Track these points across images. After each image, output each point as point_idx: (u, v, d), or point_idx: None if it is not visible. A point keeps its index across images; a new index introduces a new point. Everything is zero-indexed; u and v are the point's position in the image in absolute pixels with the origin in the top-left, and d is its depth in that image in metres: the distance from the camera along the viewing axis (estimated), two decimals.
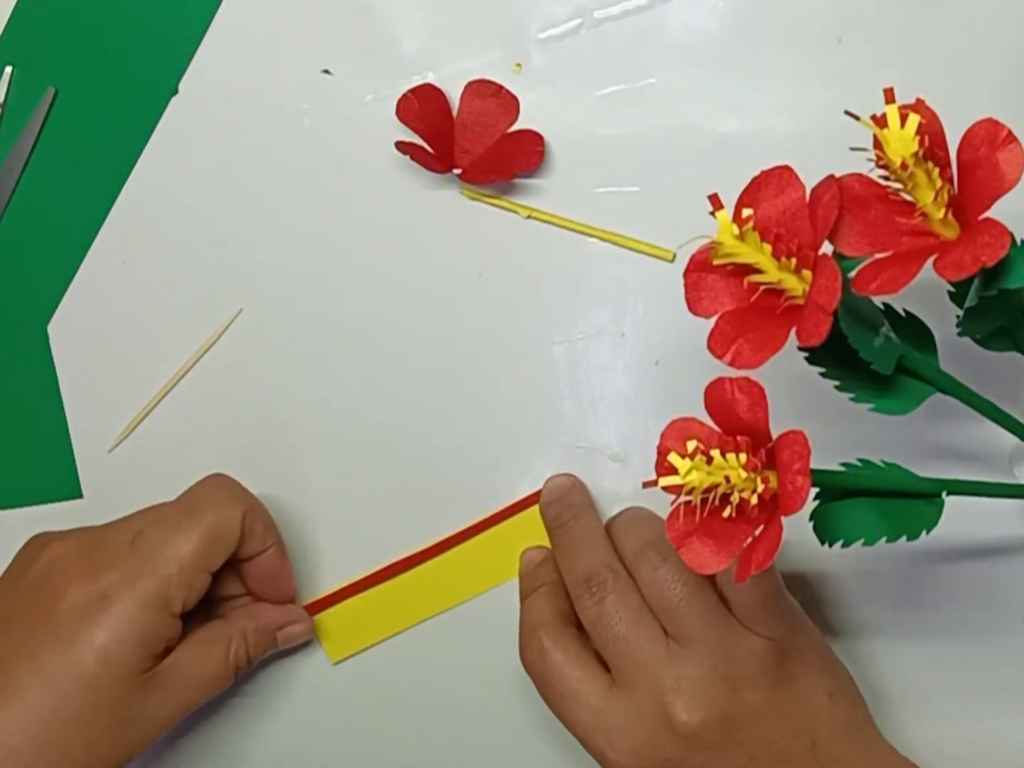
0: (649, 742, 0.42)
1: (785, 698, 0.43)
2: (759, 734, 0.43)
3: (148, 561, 0.45)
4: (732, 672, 0.43)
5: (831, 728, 0.44)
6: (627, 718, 0.43)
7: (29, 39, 0.53)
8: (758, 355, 0.36)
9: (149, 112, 0.52)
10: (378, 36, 0.51)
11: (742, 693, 0.43)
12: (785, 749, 0.43)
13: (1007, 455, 0.48)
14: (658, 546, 0.45)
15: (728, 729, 0.42)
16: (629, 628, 0.44)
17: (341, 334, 0.52)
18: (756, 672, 0.43)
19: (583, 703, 0.44)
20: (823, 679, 0.45)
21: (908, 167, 0.35)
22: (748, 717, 0.43)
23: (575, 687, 0.44)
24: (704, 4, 0.49)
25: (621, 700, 0.43)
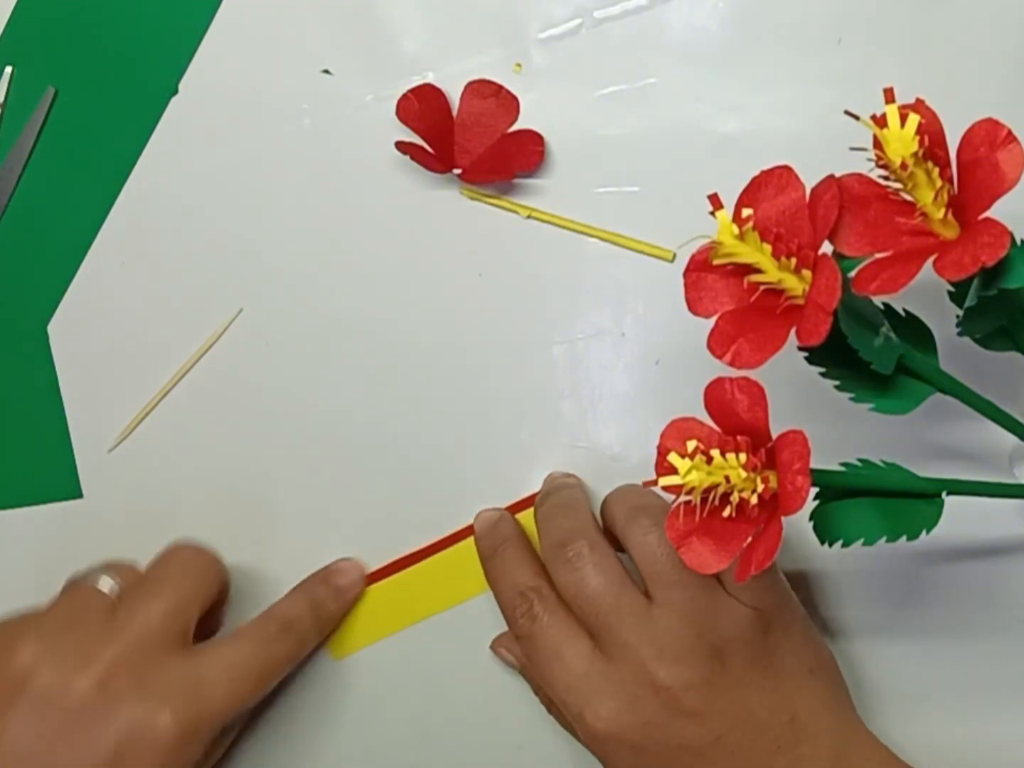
0: (629, 707, 0.42)
1: (767, 670, 0.43)
2: (739, 703, 0.42)
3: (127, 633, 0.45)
4: (716, 640, 0.43)
5: (811, 704, 0.44)
6: (609, 681, 0.43)
7: (29, 39, 0.53)
8: (758, 355, 0.36)
9: (149, 112, 0.52)
10: (378, 36, 0.51)
11: (725, 661, 0.43)
12: (764, 720, 0.43)
13: (1007, 455, 0.48)
14: (650, 512, 0.45)
15: (709, 696, 0.42)
16: (612, 597, 0.44)
17: (341, 334, 0.52)
18: (739, 641, 0.43)
19: (567, 665, 0.43)
20: (806, 655, 0.45)
21: (908, 167, 0.35)
22: (729, 685, 0.42)
23: (561, 648, 0.44)
24: (704, 4, 0.49)
25: (603, 663, 0.43)
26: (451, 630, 0.52)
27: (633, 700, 0.42)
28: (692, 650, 0.42)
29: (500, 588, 0.47)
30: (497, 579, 0.47)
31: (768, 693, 0.43)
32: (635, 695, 0.42)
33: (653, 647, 0.42)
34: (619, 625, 0.43)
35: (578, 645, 0.44)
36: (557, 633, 0.44)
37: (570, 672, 0.43)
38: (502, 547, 0.47)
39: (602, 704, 0.42)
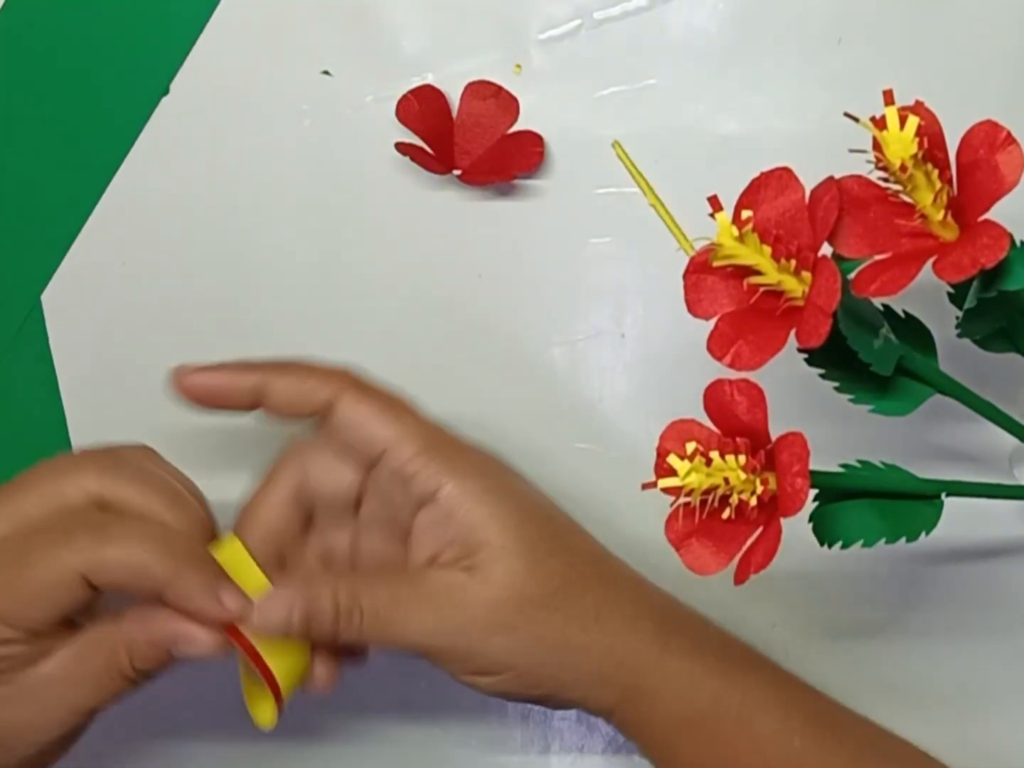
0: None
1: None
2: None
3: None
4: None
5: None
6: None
7: (18, 32, 0.53)
8: (758, 357, 0.36)
9: (137, 112, 0.52)
10: (378, 36, 0.51)
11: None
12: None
13: (1007, 456, 0.48)
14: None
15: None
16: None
17: (340, 335, 0.52)
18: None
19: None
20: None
21: (907, 169, 0.35)
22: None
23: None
24: (704, 5, 0.49)
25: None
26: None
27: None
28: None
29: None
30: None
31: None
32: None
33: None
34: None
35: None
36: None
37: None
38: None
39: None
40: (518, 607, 0.41)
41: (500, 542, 0.41)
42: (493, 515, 0.41)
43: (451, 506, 0.41)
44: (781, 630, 0.50)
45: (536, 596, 0.41)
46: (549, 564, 0.41)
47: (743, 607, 0.50)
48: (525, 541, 0.41)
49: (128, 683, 0.41)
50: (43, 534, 0.40)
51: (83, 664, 0.41)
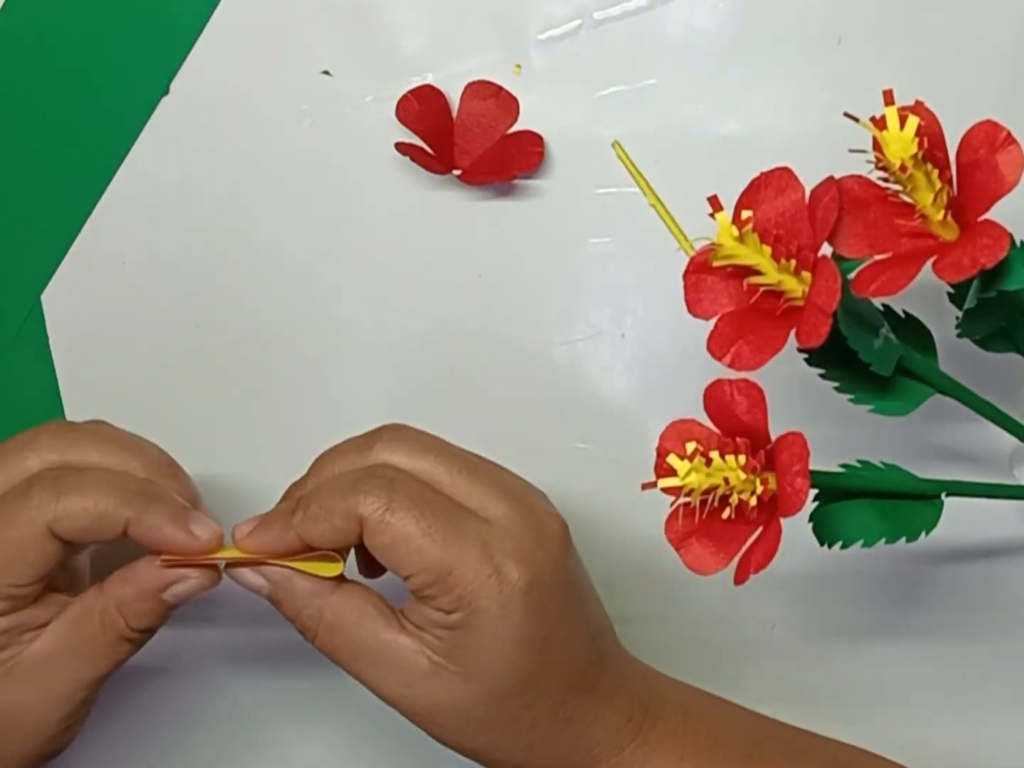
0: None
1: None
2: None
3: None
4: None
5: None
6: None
7: (17, 30, 0.53)
8: (758, 357, 0.36)
9: (137, 112, 0.52)
10: (378, 37, 0.51)
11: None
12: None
13: (1007, 456, 0.48)
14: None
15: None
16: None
17: (340, 336, 0.52)
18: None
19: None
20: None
21: (907, 169, 0.35)
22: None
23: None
24: (704, 5, 0.49)
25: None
26: None
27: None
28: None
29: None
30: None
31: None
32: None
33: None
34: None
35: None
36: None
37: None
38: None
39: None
40: (456, 718, 0.41)
41: (475, 672, 0.40)
42: (483, 653, 0.40)
43: (453, 624, 0.40)
44: (781, 630, 0.50)
45: (477, 719, 0.41)
46: (505, 703, 0.41)
47: (743, 607, 0.50)
48: (498, 682, 0.40)
49: (128, 644, 0.42)
50: (6, 501, 0.40)
51: (78, 634, 0.41)
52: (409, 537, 0.39)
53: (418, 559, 0.39)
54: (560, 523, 0.42)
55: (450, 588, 0.39)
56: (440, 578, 0.39)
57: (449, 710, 0.41)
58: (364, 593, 0.42)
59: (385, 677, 0.41)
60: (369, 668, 0.41)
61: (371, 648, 0.41)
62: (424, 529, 0.39)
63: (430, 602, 0.40)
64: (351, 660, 0.41)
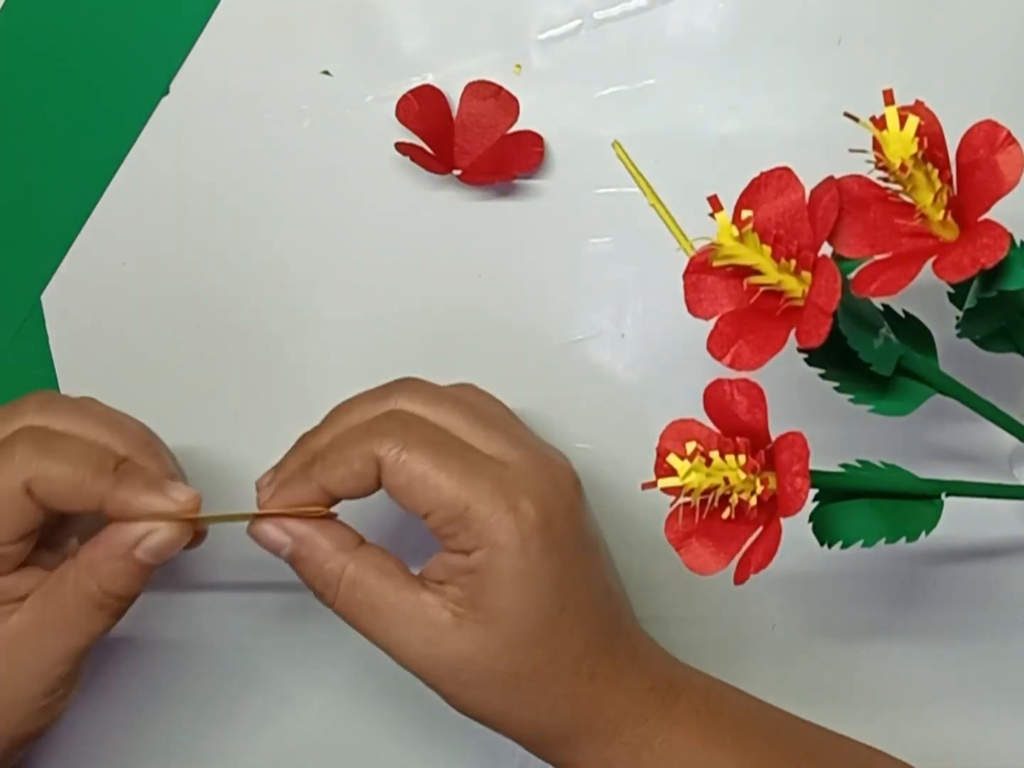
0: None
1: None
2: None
3: None
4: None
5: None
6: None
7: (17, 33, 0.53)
8: (758, 356, 0.36)
9: (137, 112, 0.52)
10: (378, 37, 0.51)
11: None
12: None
13: (1007, 456, 0.48)
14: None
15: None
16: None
17: (340, 336, 0.52)
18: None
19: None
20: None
21: (907, 169, 0.35)
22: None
23: None
24: (704, 5, 0.49)
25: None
26: None
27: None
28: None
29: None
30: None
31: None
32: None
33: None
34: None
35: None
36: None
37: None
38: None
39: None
40: (479, 673, 0.41)
41: (497, 617, 0.40)
42: (505, 594, 0.40)
43: (474, 567, 0.40)
44: (781, 630, 0.50)
45: (500, 672, 0.41)
46: (527, 653, 0.41)
47: (743, 607, 0.50)
48: (520, 627, 0.40)
49: (102, 613, 0.41)
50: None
51: (52, 604, 0.41)
52: (425, 475, 0.40)
53: (435, 496, 0.40)
54: (574, 474, 0.43)
55: (468, 524, 0.40)
56: (458, 514, 0.40)
57: (473, 665, 0.41)
58: (384, 553, 0.42)
59: (408, 636, 0.41)
60: (391, 628, 0.41)
61: (393, 605, 0.41)
62: (440, 467, 0.40)
63: (450, 542, 0.40)
64: (373, 619, 0.41)
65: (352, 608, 0.41)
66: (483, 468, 0.41)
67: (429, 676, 0.41)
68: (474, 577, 0.40)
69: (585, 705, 0.42)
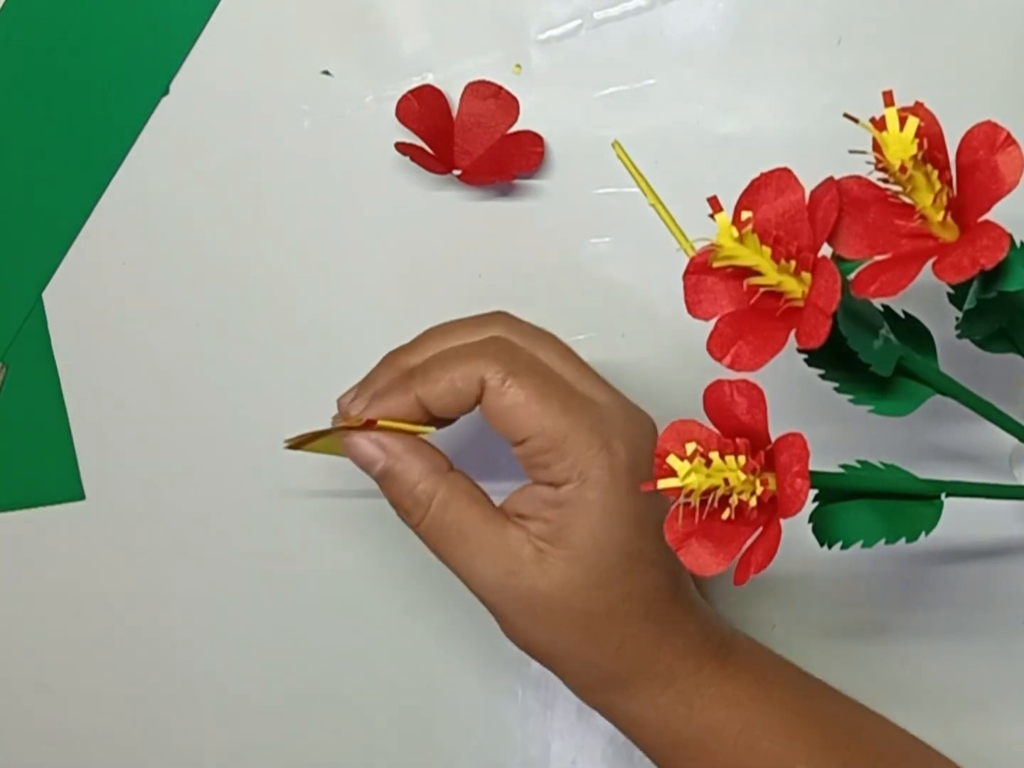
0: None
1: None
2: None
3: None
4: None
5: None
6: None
7: (18, 28, 0.53)
8: (757, 357, 0.36)
9: (137, 112, 0.52)
10: (378, 37, 0.51)
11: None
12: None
13: (1007, 456, 0.48)
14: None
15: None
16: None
17: (340, 336, 0.52)
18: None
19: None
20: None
21: (907, 170, 0.35)
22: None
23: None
24: (704, 4, 0.49)
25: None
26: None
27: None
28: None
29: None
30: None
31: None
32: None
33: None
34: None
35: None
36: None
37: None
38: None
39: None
40: (555, 609, 0.41)
41: (580, 553, 0.41)
42: (591, 529, 0.41)
43: (563, 500, 0.41)
44: (781, 630, 0.50)
45: (575, 609, 0.41)
46: (604, 591, 0.41)
47: (743, 607, 0.50)
48: (601, 564, 0.41)
49: None
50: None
51: None
52: (529, 401, 0.41)
53: (536, 423, 0.41)
54: (653, 423, 0.44)
55: (564, 455, 0.41)
56: (556, 444, 0.41)
57: (549, 601, 0.41)
58: (473, 481, 0.43)
59: (489, 565, 0.41)
60: (475, 553, 0.42)
61: (480, 530, 0.42)
62: (544, 395, 0.41)
63: (541, 473, 0.41)
64: (459, 542, 0.42)
65: (439, 532, 0.42)
66: (582, 403, 0.42)
67: (503, 608, 0.42)
68: (561, 511, 0.41)
69: (648, 648, 0.42)
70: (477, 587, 0.42)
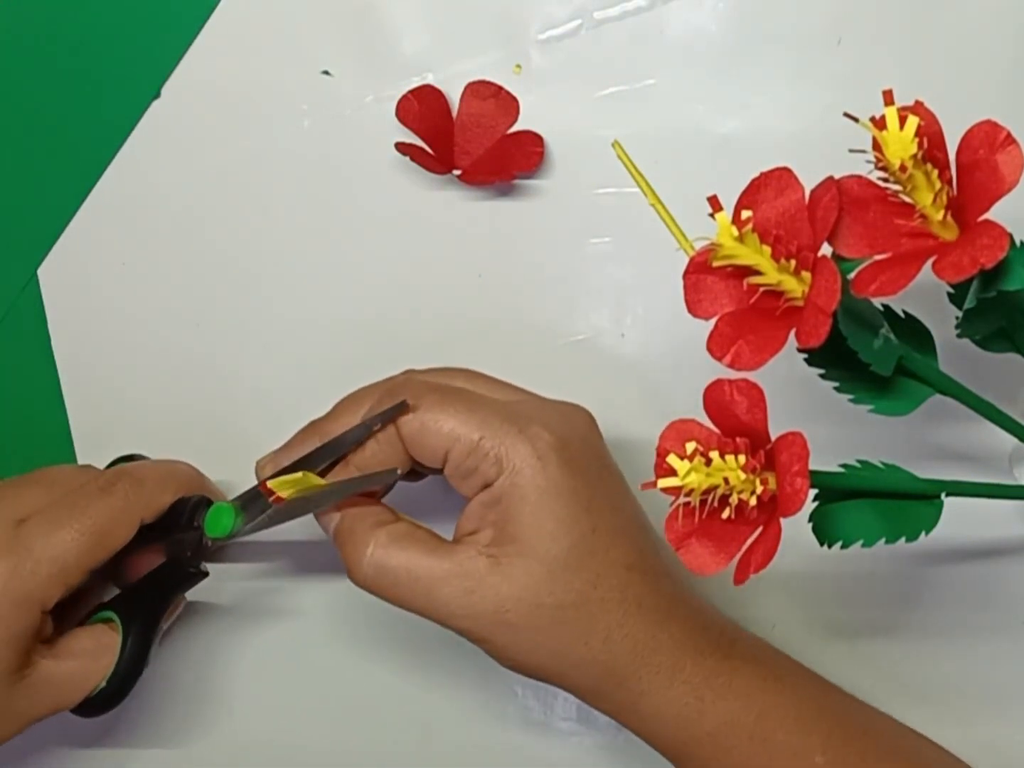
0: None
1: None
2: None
3: (28, 558, 0.43)
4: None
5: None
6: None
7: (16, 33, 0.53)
8: (757, 357, 0.36)
9: (136, 112, 0.52)
10: (378, 37, 0.51)
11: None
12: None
13: (1006, 456, 0.48)
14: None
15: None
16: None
17: (340, 336, 0.52)
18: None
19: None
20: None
21: (907, 169, 0.35)
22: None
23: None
24: (704, 5, 0.49)
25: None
26: None
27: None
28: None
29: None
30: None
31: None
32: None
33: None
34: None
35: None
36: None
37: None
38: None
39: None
40: (526, 610, 0.41)
41: (530, 543, 0.41)
42: (533, 515, 0.41)
43: (499, 495, 0.41)
44: (781, 630, 0.50)
45: (546, 605, 0.41)
46: (570, 577, 0.41)
47: (743, 607, 0.50)
48: (555, 549, 0.41)
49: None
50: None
51: (94, 662, 0.45)
52: (437, 419, 0.42)
53: (448, 432, 0.42)
54: (589, 414, 0.45)
55: (484, 451, 0.41)
56: (473, 445, 0.41)
57: (517, 603, 0.41)
58: (415, 524, 0.43)
59: (446, 589, 0.41)
60: (430, 587, 0.41)
61: (427, 564, 0.42)
62: (447, 406, 0.42)
63: (473, 478, 0.42)
64: (411, 583, 0.41)
65: (387, 579, 0.42)
66: (489, 403, 0.43)
67: (480, 630, 0.41)
68: (501, 507, 0.41)
69: (641, 637, 0.42)
70: (446, 619, 0.42)
